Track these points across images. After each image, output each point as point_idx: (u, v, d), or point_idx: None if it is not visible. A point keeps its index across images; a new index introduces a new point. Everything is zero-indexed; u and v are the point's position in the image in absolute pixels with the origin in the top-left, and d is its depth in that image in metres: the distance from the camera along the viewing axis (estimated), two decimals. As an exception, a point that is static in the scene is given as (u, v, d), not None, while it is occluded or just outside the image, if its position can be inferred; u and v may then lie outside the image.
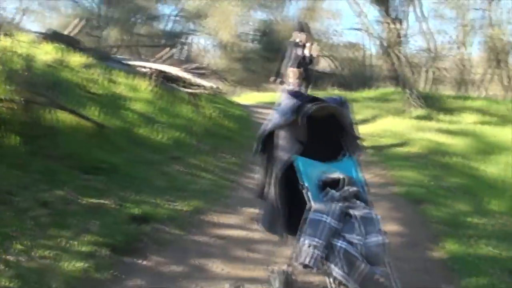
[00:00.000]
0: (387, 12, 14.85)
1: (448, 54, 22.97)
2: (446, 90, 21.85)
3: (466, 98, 13.80)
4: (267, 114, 11.89)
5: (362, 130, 9.01)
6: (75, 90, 6.22)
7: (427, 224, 4.47)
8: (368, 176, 4.09)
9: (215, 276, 3.16)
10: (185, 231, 3.86)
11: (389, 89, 16.39)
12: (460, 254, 3.67)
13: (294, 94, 2.94)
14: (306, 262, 2.49)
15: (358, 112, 11.38)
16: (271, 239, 3.75)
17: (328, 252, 2.49)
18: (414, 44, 20.99)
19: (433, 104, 11.72)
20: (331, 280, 2.53)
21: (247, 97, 18.65)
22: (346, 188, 2.72)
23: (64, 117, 4.99)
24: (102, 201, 3.93)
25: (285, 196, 2.86)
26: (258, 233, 3.94)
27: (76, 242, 3.18)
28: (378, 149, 7.78)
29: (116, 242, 3.33)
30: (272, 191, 2.87)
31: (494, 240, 4.00)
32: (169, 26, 23.12)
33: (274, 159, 2.86)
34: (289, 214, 2.88)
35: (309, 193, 2.67)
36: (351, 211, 2.60)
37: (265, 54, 27.68)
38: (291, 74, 5.19)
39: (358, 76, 23.87)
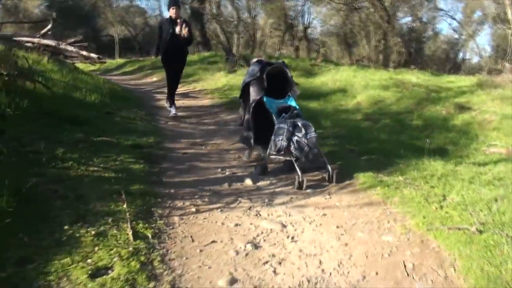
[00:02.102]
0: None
1: (242, 20, 26.64)
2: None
3: (274, 58, 17.06)
4: (120, 80, 13.39)
5: (209, 86, 11.60)
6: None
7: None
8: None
9: (206, 168, 5.40)
10: (164, 151, 5.90)
11: (209, 53, 18.95)
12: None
13: (258, 61, 5.33)
14: (277, 149, 4.88)
15: (195, 73, 13.78)
16: (215, 152, 6.13)
17: (288, 143, 4.84)
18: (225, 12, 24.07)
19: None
20: (291, 157, 4.90)
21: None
22: (292, 111, 5.16)
23: (30, 85, 6.37)
24: (104, 138, 5.69)
25: (255, 121, 5.27)
26: (203, 151, 6.23)
27: (121, 158, 5.08)
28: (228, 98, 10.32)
29: (138, 157, 5.28)
30: (247, 118, 5.26)
31: (345, 138, 6.90)
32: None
33: (248, 100, 5.21)
34: (258, 133, 5.29)
35: (273, 116, 5.11)
36: (297, 122, 4.96)
37: (60, 20, 27.47)
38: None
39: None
